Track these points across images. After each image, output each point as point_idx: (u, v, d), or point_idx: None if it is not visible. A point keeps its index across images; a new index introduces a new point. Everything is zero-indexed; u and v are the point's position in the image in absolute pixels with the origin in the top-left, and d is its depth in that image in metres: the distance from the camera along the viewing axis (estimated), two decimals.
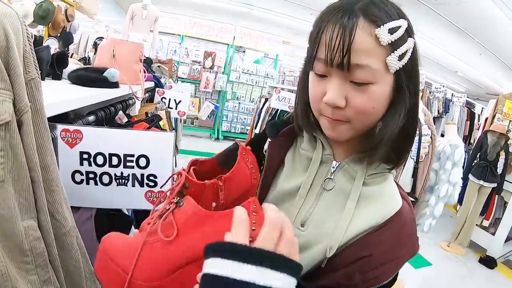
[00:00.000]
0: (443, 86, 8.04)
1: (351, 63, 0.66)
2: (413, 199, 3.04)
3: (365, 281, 0.73)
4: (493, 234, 5.18)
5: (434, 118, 4.06)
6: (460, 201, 4.41)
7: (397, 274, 0.78)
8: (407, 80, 0.71)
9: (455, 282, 4.02)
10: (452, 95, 7.97)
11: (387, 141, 0.74)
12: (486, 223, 5.36)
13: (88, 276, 1.07)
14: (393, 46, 0.67)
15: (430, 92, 7.87)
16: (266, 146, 0.93)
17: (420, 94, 3.05)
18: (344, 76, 0.69)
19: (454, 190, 3.33)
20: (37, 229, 0.83)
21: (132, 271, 0.65)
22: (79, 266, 1.00)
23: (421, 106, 3.00)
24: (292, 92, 4.93)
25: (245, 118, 9.57)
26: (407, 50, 0.69)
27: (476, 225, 5.09)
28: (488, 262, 4.78)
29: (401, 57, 0.68)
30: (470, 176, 4.90)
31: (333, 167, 0.83)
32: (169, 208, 0.72)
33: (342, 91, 0.70)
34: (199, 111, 7.89)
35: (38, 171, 0.81)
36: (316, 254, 0.77)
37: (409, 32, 0.70)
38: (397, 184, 0.87)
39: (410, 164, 2.99)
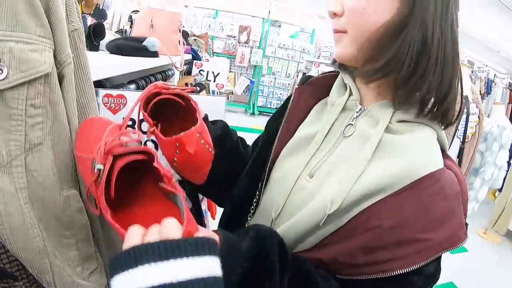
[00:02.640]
0: (486, 66, 7.72)
1: None
2: None
3: (370, 264, 0.60)
4: None
5: None
6: (500, 188, 4.20)
7: (431, 275, 0.62)
8: None
9: (490, 271, 3.91)
10: (494, 75, 7.65)
11: (410, 60, 0.63)
12: None
13: None
14: None
15: (472, 72, 7.58)
16: (291, 98, 0.86)
17: (469, 70, 2.91)
18: None
19: (499, 174, 3.23)
20: (80, 200, 0.74)
21: None
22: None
23: (470, 83, 2.85)
24: (331, 66, 4.79)
25: (281, 94, 9.41)
26: None
27: None
28: None
29: None
30: None
31: (357, 112, 0.74)
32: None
33: None
34: (234, 86, 7.82)
35: None
36: (315, 208, 0.66)
37: None
38: (448, 156, 0.71)
39: (456, 144, 2.86)
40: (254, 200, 0.83)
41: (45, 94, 0.63)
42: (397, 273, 0.58)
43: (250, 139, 1.03)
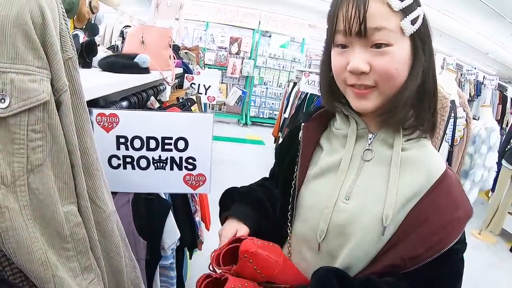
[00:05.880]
0: (475, 68, 7.84)
1: (368, 27, 0.73)
2: None
3: (428, 249, 0.75)
4: None
5: None
6: (492, 188, 4.24)
7: (463, 240, 0.80)
8: (422, 44, 0.78)
9: (486, 271, 3.91)
10: (484, 77, 7.79)
11: (406, 101, 0.79)
12: None
13: (128, 262, 1.05)
14: (405, 11, 0.74)
15: (461, 75, 7.69)
16: (300, 133, 0.97)
17: (455, 75, 2.97)
18: (364, 43, 0.76)
19: (489, 175, 3.27)
20: (78, 215, 0.80)
21: None
22: (119, 252, 0.97)
23: (456, 87, 2.91)
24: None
25: (273, 103, 9.52)
26: (418, 16, 0.75)
27: (509, 213, 4.88)
28: None
29: (413, 22, 0.75)
30: (504, 162, 4.65)
31: (370, 139, 0.88)
32: None
33: (364, 57, 0.76)
34: (226, 97, 7.88)
35: (78, 155, 0.78)
36: (367, 225, 0.81)
37: (417, 2, 0.77)
38: None
39: (444, 147, 2.90)
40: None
41: (44, 120, 0.69)
42: (446, 248, 0.75)
43: (243, 149, 1.12)
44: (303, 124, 0.97)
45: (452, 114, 2.72)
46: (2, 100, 0.62)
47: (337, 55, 0.81)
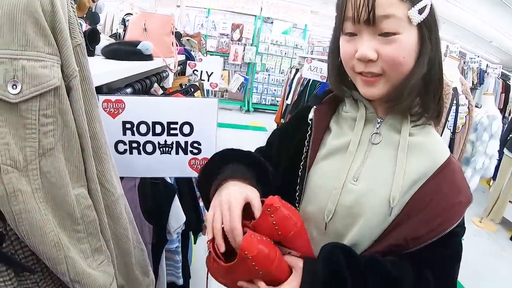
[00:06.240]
0: (478, 56, 7.78)
1: (376, 15, 0.74)
2: None
3: (430, 231, 0.79)
4: None
5: None
6: (494, 176, 4.25)
7: (463, 224, 0.83)
8: (428, 33, 0.80)
9: (486, 259, 3.92)
10: (487, 66, 7.73)
11: (412, 88, 0.81)
12: None
13: (136, 245, 1.08)
14: (413, 1, 0.75)
15: (464, 63, 7.64)
16: (310, 115, 0.99)
17: (457, 62, 2.96)
18: (372, 31, 0.77)
19: (490, 163, 3.29)
20: (88, 197, 0.83)
21: None
22: (128, 234, 1.00)
23: (458, 75, 2.91)
24: (323, 61, 4.84)
25: (275, 90, 9.51)
26: (425, 5, 0.77)
27: (510, 201, 4.87)
28: None
29: (421, 11, 0.76)
30: (505, 151, 4.64)
31: (378, 123, 0.90)
32: None
33: (372, 45, 0.78)
34: (228, 84, 7.88)
35: (87, 139, 0.80)
36: (376, 205, 0.84)
37: None
38: None
39: (446, 134, 2.91)
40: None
41: (55, 105, 0.71)
42: (447, 231, 0.79)
43: (246, 135, 1.11)
44: (315, 107, 0.99)
45: (454, 101, 2.73)
46: (14, 86, 0.64)
47: (345, 42, 0.83)
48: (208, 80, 3.27)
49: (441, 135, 2.59)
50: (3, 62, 0.64)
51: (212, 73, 3.29)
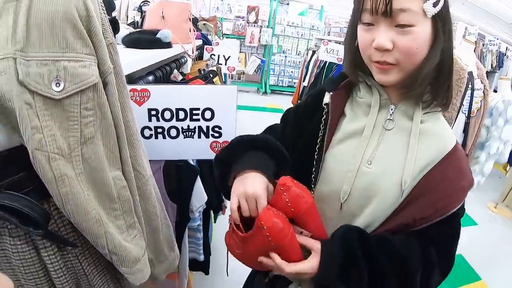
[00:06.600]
0: (497, 39, 7.59)
1: (393, 9, 0.78)
2: None
3: (435, 211, 0.87)
4: None
5: (487, 72, 3.74)
6: (509, 161, 4.18)
7: (463, 206, 0.92)
8: (442, 25, 0.84)
9: (500, 245, 3.85)
10: (506, 49, 7.52)
11: (425, 77, 0.86)
12: None
13: (163, 221, 1.19)
14: None
15: (483, 45, 7.47)
16: (326, 100, 1.04)
17: (473, 46, 2.92)
18: (389, 22, 0.81)
19: (505, 148, 3.21)
20: (123, 179, 0.93)
21: None
22: (156, 212, 1.11)
23: (474, 59, 2.87)
24: (340, 43, 4.82)
25: (292, 72, 9.49)
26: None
27: None
28: None
29: (435, 4, 0.79)
30: None
31: (392, 109, 0.95)
32: None
33: (389, 35, 0.82)
34: (245, 66, 7.90)
35: (122, 127, 0.90)
36: (387, 188, 0.91)
37: None
38: None
39: (461, 119, 2.88)
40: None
41: (94, 99, 0.81)
42: (450, 212, 0.87)
43: (263, 117, 1.17)
44: (331, 92, 1.03)
45: (470, 86, 2.71)
46: (57, 85, 0.73)
47: (363, 32, 0.87)
48: (225, 64, 3.32)
49: (455, 119, 2.61)
50: (46, 64, 0.72)
51: (229, 57, 3.34)
